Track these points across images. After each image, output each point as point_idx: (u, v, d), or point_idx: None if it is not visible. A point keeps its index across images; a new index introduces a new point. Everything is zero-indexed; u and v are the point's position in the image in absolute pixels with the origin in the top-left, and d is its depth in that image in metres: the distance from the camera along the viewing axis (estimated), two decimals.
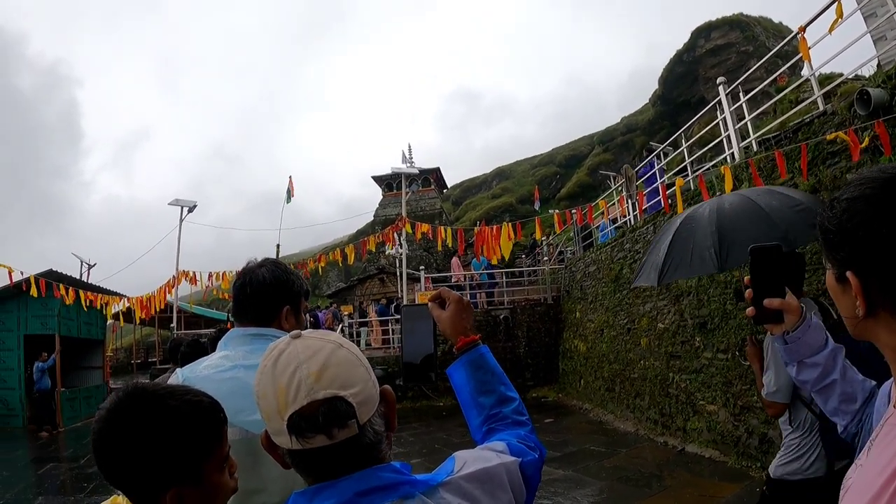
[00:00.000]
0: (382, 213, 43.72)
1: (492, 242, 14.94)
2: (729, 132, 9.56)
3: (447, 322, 1.72)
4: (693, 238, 3.84)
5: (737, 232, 3.62)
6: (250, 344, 2.07)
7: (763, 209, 3.65)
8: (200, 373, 1.96)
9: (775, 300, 1.63)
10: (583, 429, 12.79)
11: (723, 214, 3.76)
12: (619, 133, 78.49)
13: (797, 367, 1.75)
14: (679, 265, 3.90)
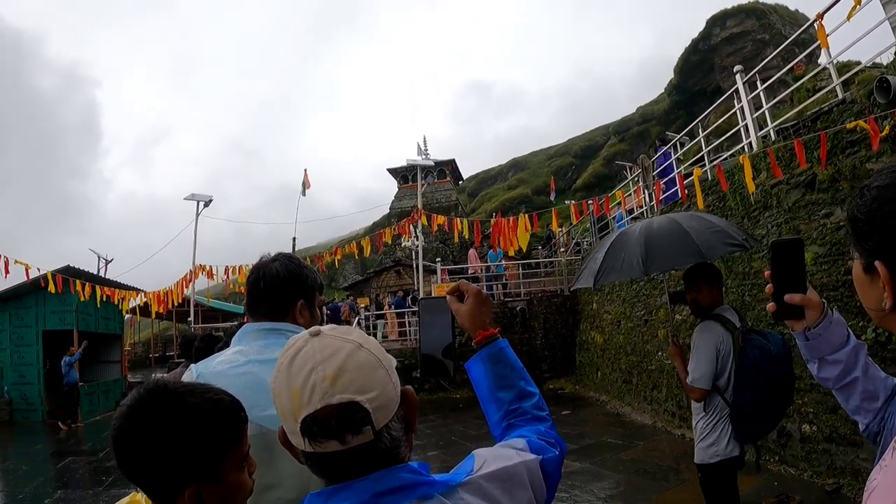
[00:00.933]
0: (398, 206, 43.60)
1: (508, 234, 14.87)
2: (746, 121, 9.46)
3: (466, 316, 1.71)
4: (624, 249, 4.27)
5: (660, 245, 4.06)
6: (264, 339, 2.05)
7: (684, 228, 4.09)
8: (214, 368, 1.95)
9: (796, 296, 1.60)
10: (600, 421, 12.74)
11: (650, 231, 4.22)
12: (635, 123, 78.19)
13: (818, 364, 1.70)
14: (612, 270, 4.27)
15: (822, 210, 7.16)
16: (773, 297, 1.62)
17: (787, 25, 60.34)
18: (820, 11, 7.46)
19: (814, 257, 7.27)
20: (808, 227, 7.44)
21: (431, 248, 35.64)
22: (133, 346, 35.95)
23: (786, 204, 7.87)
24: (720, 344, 3.88)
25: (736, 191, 8.92)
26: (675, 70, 69.61)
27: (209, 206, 22.29)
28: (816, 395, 7.24)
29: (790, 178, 7.71)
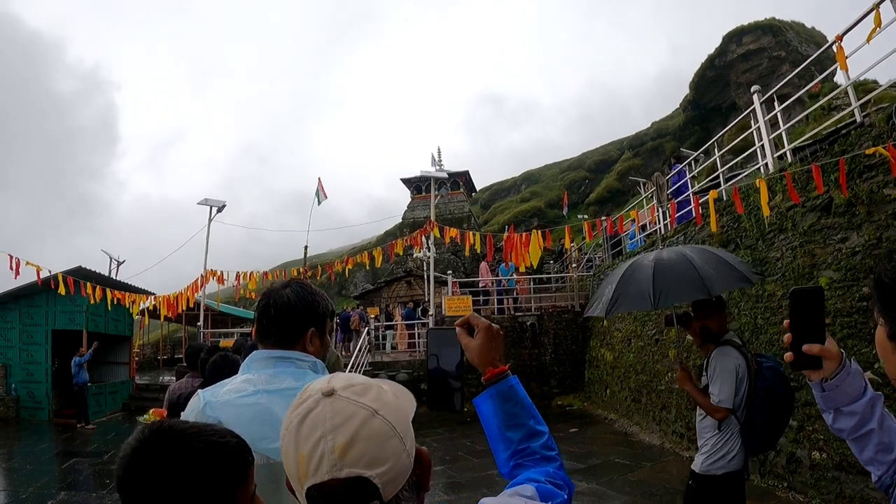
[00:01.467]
0: (411, 216, 43.55)
1: (521, 249, 14.85)
2: (763, 142, 9.39)
3: (475, 351, 1.64)
4: (635, 280, 4.41)
5: (669, 279, 4.23)
6: (273, 367, 2.02)
7: (691, 262, 4.25)
8: (222, 397, 1.92)
9: (815, 346, 1.57)
10: (607, 440, 12.66)
11: (660, 263, 4.37)
12: (649, 138, 78.07)
13: (833, 415, 1.66)
14: (623, 300, 4.41)
15: (838, 234, 7.08)
16: (791, 347, 1.59)
17: (804, 43, 60.17)
18: (839, 33, 7.37)
19: (828, 282, 7.19)
20: (823, 252, 7.36)
21: (443, 260, 35.59)
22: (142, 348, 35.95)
23: (801, 227, 7.80)
24: (738, 367, 4.05)
25: (751, 212, 8.85)
26: (690, 86, 69.52)
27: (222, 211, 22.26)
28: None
29: (806, 200, 7.64)
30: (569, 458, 11.02)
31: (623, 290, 4.48)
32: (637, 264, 4.61)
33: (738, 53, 61.21)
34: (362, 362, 17.01)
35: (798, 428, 7.71)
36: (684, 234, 11.49)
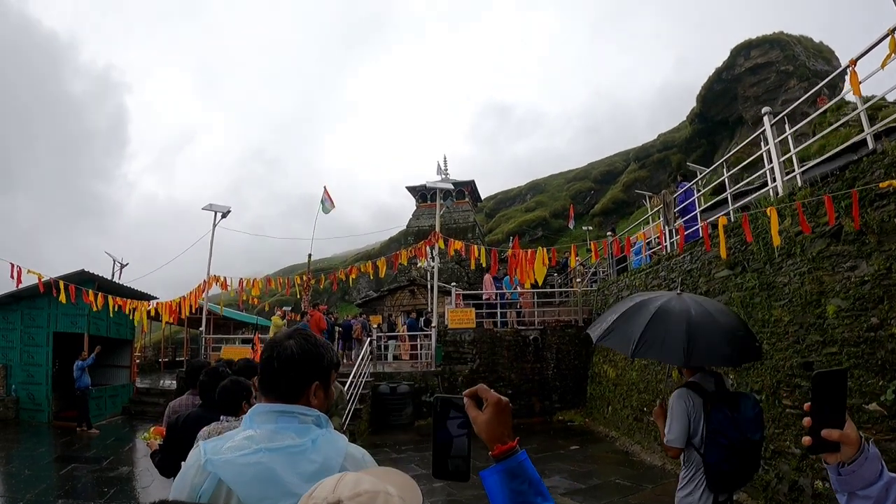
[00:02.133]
0: (416, 224, 43.55)
1: (526, 266, 14.80)
2: (773, 164, 9.31)
3: (483, 426, 1.61)
4: (666, 328, 4.41)
5: (657, 334, 4.38)
6: (275, 422, 1.98)
7: (688, 325, 4.36)
8: (224, 454, 1.86)
9: (834, 432, 1.53)
10: (608, 459, 12.55)
11: (658, 315, 4.49)
12: (656, 150, 78.20)
13: (847, 498, 1.62)
14: (653, 345, 4.39)
15: (847, 262, 7.00)
16: (810, 431, 1.55)
17: (812, 57, 60.33)
18: (853, 58, 7.28)
19: (836, 310, 7.11)
20: (832, 279, 7.28)
21: (447, 269, 35.54)
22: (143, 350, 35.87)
23: (810, 253, 7.71)
24: (690, 409, 4.36)
25: (759, 235, 8.77)
26: (697, 99, 69.57)
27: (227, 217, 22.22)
28: None
29: (815, 227, 7.55)
30: (569, 478, 10.94)
31: (618, 325, 4.69)
32: (643, 305, 4.73)
33: (746, 67, 61.31)
34: (364, 372, 16.92)
35: (801, 456, 7.63)
36: (690, 254, 11.42)
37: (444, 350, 18.71)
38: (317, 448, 1.91)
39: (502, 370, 18.55)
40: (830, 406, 1.53)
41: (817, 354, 7.46)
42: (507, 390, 18.21)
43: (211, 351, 21.14)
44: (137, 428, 17.62)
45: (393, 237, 72.63)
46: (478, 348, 18.75)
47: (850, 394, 6.77)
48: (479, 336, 19.01)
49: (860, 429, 6.53)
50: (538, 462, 11.96)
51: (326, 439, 1.98)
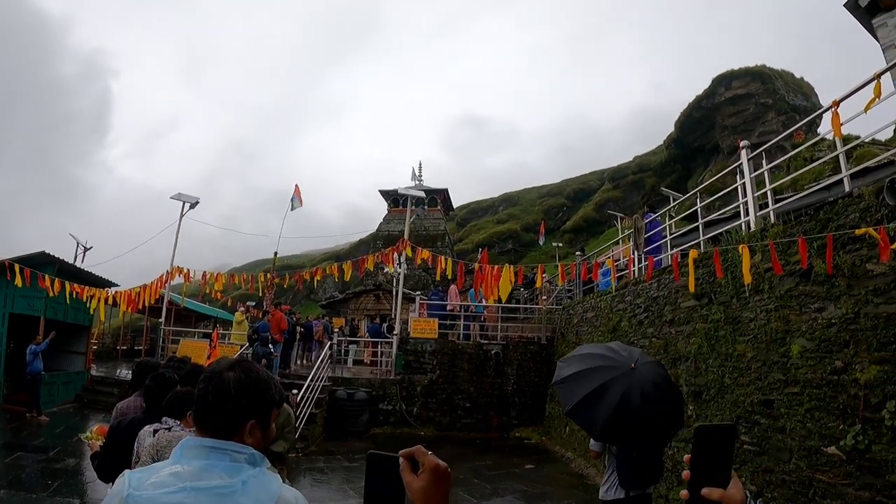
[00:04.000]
0: (386, 229, 43.40)
1: (491, 282, 14.73)
2: (747, 198, 9.26)
3: (417, 494, 1.43)
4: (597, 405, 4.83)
5: (619, 423, 4.74)
6: (206, 458, 1.82)
7: (650, 414, 4.83)
8: (146, 491, 1.72)
9: (715, 491, 1.46)
10: (563, 481, 12.45)
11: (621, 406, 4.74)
12: (631, 172, 78.86)
13: None
14: (580, 414, 4.93)
15: (816, 303, 6.94)
16: (689, 486, 1.47)
17: (791, 92, 61.46)
18: (837, 99, 7.24)
19: (800, 350, 7.06)
20: (798, 319, 7.22)
21: (413, 276, 35.44)
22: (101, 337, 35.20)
23: (778, 291, 7.65)
24: None
25: (728, 269, 8.70)
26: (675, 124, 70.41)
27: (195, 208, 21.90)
28: (787, 490, 7.03)
29: (786, 264, 7.50)
30: (522, 499, 10.86)
31: (570, 382, 5.12)
32: (597, 371, 5.07)
33: (726, 97, 62.30)
34: (322, 376, 16.72)
35: (757, 493, 7.55)
36: (658, 281, 11.35)
37: (405, 359, 18.55)
38: (247, 490, 1.77)
39: (462, 383, 18.41)
40: (715, 462, 1.46)
41: (779, 393, 7.40)
42: (465, 403, 18.15)
43: (170, 343, 20.79)
44: (89, 417, 17.22)
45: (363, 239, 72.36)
46: (438, 359, 18.60)
47: (809, 435, 6.74)
48: (441, 347, 18.85)
49: (817, 472, 6.51)
50: (492, 480, 11.93)
51: (258, 481, 1.83)
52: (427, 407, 18.06)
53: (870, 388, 5.93)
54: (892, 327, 5.78)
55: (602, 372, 5.07)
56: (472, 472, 12.63)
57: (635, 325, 12.19)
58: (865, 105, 6.54)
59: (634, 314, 12.28)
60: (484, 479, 12.15)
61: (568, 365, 5.40)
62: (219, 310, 41.17)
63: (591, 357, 5.38)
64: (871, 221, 6.18)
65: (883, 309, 5.93)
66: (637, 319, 12.11)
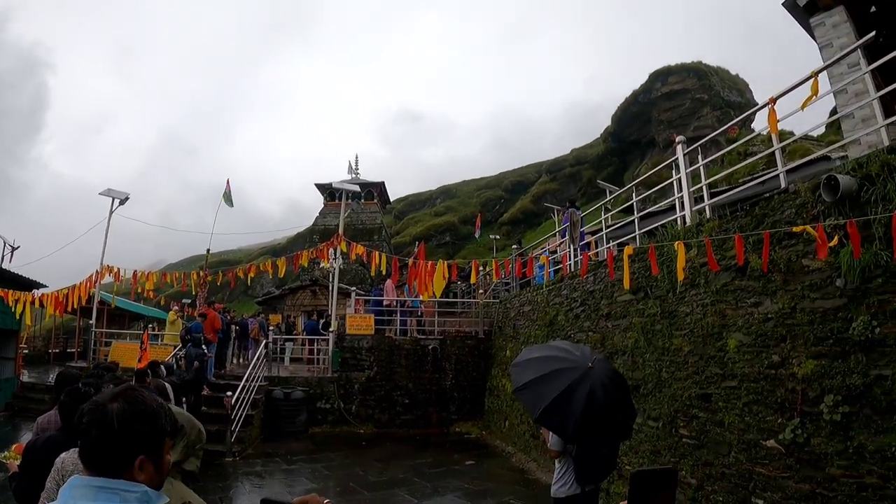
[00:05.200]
0: (322, 223, 42.82)
1: (425, 278, 14.62)
2: (683, 193, 9.27)
3: None
4: (566, 409, 4.99)
5: (588, 424, 5.01)
6: (93, 499, 1.65)
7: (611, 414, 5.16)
8: None
9: None
10: (504, 477, 12.38)
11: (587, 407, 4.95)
12: (568, 164, 79.66)
13: None
14: (551, 419, 5.10)
15: (752, 298, 6.95)
16: None
17: (727, 88, 63.12)
18: (773, 96, 7.26)
19: (737, 345, 7.07)
20: (735, 314, 7.22)
21: (350, 271, 35.10)
22: (31, 340, 34.02)
23: (714, 285, 7.65)
24: None
25: (664, 263, 8.70)
26: (612, 118, 71.54)
27: (125, 204, 21.25)
28: (727, 483, 7.05)
29: (721, 259, 7.50)
30: (463, 497, 10.75)
31: (533, 386, 5.29)
32: (559, 374, 5.21)
33: (663, 92, 63.56)
34: (258, 376, 16.36)
35: (697, 486, 7.58)
36: (594, 275, 11.34)
37: (342, 356, 18.31)
38: None
39: (400, 379, 18.24)
40: None
41: (716, 387, 7.40)
42: (404, 399, 18.03)
43: (102, 346, 20.19)
44: (20, 427, 16.50)
45: (300, 233, 71.64)
46: (376, 356, 18.39)
47: (748, 429, 6.76)
48: (378, 343, 18.63)
49: (756, 465, 6.51)
50: (433, 478, 11.80)
51: None
52: (366, 404, 17.85)
53: (807, 383, 5.95)
54: (828, 322, 5.80)
55: (564, 374, 5.18)
56: (412, 471, 12.51)
57: (572, 319, 12.17)
58: (802, 103, 6.57)
59: (571, 308, 12.26)
60: (424, 477, 12.01)
61: (524, 370, 5.51)
62: (153, 308, 40.30)
63: (548, 360, 5.48)
64: (808, 217, 6.20)
65: (819, 304, 5.95)
66: (574, 313, 12.09)
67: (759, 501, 6.50)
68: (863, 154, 6.28)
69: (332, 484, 11.58)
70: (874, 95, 6.54)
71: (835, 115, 8.50)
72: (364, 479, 11.79)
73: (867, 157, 5.73)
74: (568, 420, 4.95)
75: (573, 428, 4.97)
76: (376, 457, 13.87)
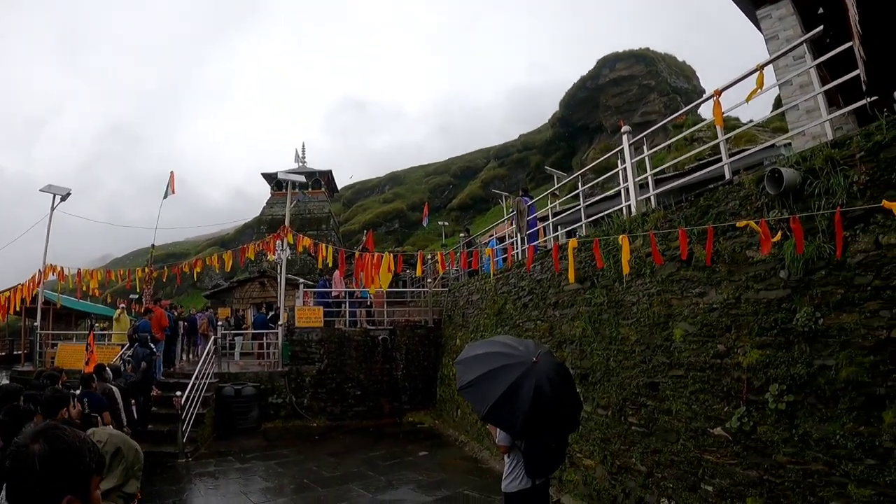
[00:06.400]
0: (270, 213, 42.27)
1: (371, 271, 14.54)
2: (629, 184, 9.29)
3: None
4: (512, 405, 5.06)
5: (535, 420, 5.10)
6: None
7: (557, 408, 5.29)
8: None
9: None
10: (458, 466, 12.43)
11: (534, 403, 5.03)
12: (516, 150, 80.00)
13: None
14: (499, 416, 5.15)
15: (697, 288, 7.00)
16: None
17: (674, 75, 64.07)
18: (719, 88, 7.32)
19: (683, 334, 7.13)
20: (680, 303, 7.28)
21: (299, 261, 34.76)
22: None
23: (660, 275, 7.71)
24: None
25: (609, 252, 8.74)
26: (560, 104, 72.04)
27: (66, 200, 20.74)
28: (676, 470, 7.10)
29: (667, 249, 7.55)
30: (417, 490, 10.72)
31: (479, 383, 5.30)
32: (504, 370, 5.27)
33: (611, 78, 64.40)
34: (207, 373, 16.10)
35: (647, 473, 7.65)
36: (541, 264, 11.36)
37: (292, 349, 18.14)
38: None
39: (350, 371, 18.16)
40: None
41: (663, 376, 7.47)
42: (356, 391, 17.96)
43: (49, 348, 19.69)
44: None
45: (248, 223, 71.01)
46: (326, 348, 18.27)
47: (695, 417, 6.85)
48: (328, 335, 18.52)
49: (705, 452, 6.58)
50: (387, 471, 11.78)
51: None
52: (317, 397, 17.72)
53: (752, 372, 6.02)
54: (772, 313, 5.87)
55: (509, 371, 5.23)
56: (366, 464, 12.45)
57: (520, 308, 12.19)
58: (748, 95, 6.61)
59: (519, 297, 12.30)
60: (378, 470, 11.96)
61: (469, 367, 5.50)
62: (100, 306, 39.44)
63: (492, 357, 5.51)
64: (752, 209, 6.26)
65: (763, 295, 6.01)
66: (522, 302, 12.11)
67: (708, 488, 6.58)
68: (807, 145, 6.36)
69: (287, 481, 11.46)
70: (819, 89, 6.61)
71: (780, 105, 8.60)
72: (318, 475, 11.69)
73: (811, 151, 5.79)
74: (515, 416, 4.99)
75: (521, 424, 5.01)
76: (330, 451, 13.79)
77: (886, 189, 4.95)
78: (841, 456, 5.10)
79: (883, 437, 4.79)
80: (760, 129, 18.22)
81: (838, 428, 5.12)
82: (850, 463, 5.02)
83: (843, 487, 5.06)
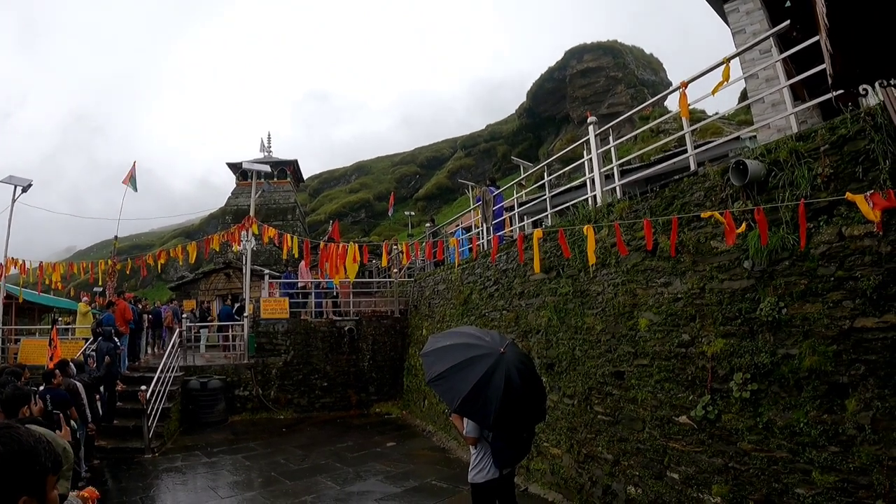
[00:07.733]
0: (235, 203, 41.87)
1: (337, 261, 14.46)
2: (594, 174, 9.32)
3: None
4: (485, 396, 5.11)
5: (506, 412, 5.17)
6: None
7: (526, 399, 5.39)
8: None
9: None
10: (426, 457, 12.39)
11: (504, 395, 5.11)
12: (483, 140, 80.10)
13: None
14: (472, 408, 5.20)
15: (661, 278, 7.05)
16: None
17: (641, 67, 64.66)
18: (685, 80, 7.35)
19: (648, 324, 7.18)
20: (645, 293, 7.33)
21: (264, 252, 34.51)
22: None
23: (625, 265, 7.75)
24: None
25: (575, 242, 8.76)
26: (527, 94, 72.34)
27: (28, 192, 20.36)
28: (643, 458, 7.15)
29: (632, 239, 7.59)
30: (385, 480, 10.68)
31: (449, 375, 5.33)
32: (473, 362, 5.33)
33: (578, 69, 64.79)
34: (173, 366, 15.92)
35: (614, 462, 7.70)
36: (507, 254, 11.37)
37: (258, 341, 18.01)
38: None
39: (317, 362, 18.08)
40: None
41: (629, 365, 7.52)
42: (323, 383, 17.88)
43: (12, 343, 19.35)
44: None
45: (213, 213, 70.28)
46: (292, 339, 18.18)
47: (661, 405, 6.91)
48: (294, 327, 18.41)
49: (670, 440, 6.64)
50: (355, 463, 11.73)
51: None
52: (284, 389, 17.63)
53: (717, 361, 6.08)
54: (736, 302, 5.92)
55: (478, 362, 5.29)
56: (334, 456, 12.38)
57: (486, 298, 12.20)
58: (714, 88, 6.66)
59: (485, 286, 12.31)
60: (346, 462, 11.89)
61: (437, 359, 5.54)
62: (64, 300, 38.78)
63: (459, 348, 5.56)
64: (716, 201, 6.31)
65: (727, 285, 6.06)
66: (487, 292, 12.12)
67: (674, 475, 6.65)
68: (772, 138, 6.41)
69: (255, 475, 11.33)
70: (785, 83, 6.65)
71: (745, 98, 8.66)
72: (286, 468, 11.61)
73: (776, 144, 5.85)
74: (489, 408, 5.03)
75: (495, 415, 5.04)
76: (297, 443, 13.71)
77: (850, 182, 5.01)
78: (805, 443, 5.17)
79: (846, 424, 4.86)
80: (726, 121, 18.41)
81: (802, 416, 5.19)
82: (814, 450, 5.09)
83: (807, 474, 5.13)
